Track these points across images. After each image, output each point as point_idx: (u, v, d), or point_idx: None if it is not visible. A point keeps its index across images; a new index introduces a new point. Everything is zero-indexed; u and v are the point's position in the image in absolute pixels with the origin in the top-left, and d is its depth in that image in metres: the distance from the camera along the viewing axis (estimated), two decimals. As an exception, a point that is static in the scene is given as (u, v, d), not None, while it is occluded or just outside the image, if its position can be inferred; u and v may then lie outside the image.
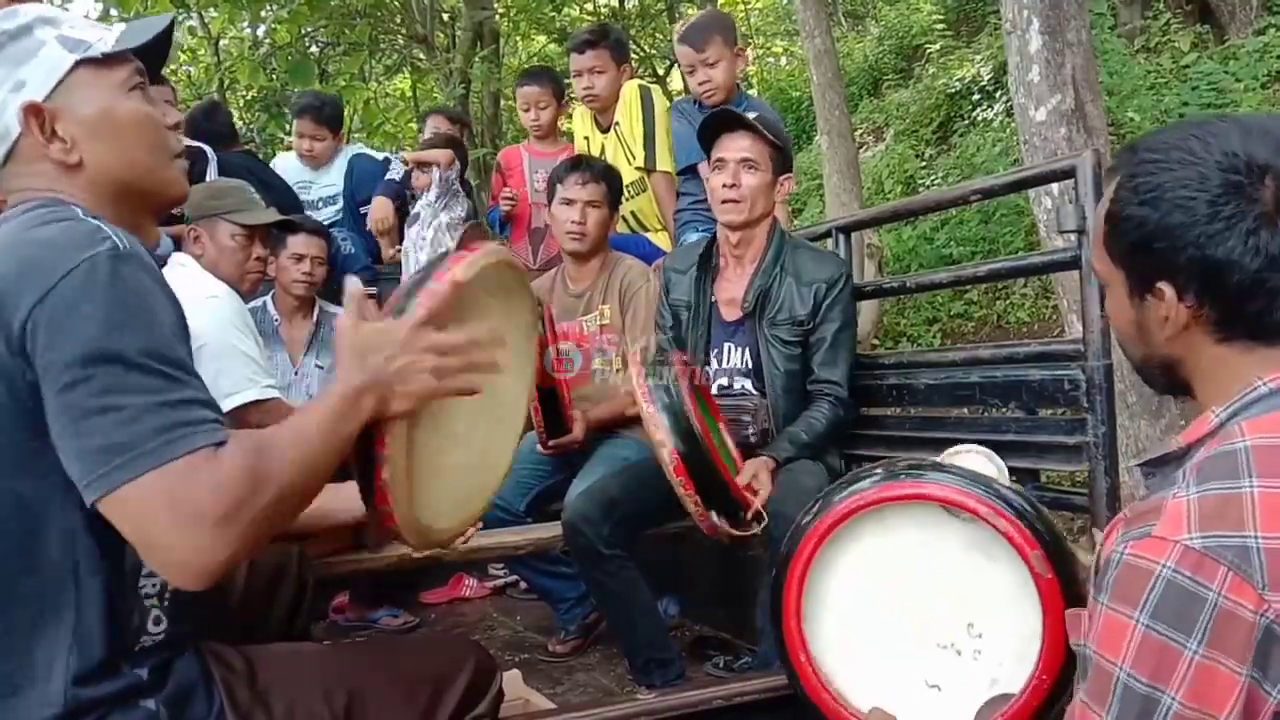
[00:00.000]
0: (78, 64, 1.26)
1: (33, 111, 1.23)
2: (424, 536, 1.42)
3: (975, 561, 1.50)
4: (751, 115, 2.63)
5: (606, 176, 3.08)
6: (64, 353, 1.06)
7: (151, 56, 1.36)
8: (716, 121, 2.61)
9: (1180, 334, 1.07)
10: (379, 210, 4.10)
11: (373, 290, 4.07)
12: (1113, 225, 1.09)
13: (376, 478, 1.27)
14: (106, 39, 1.29)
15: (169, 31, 1.37)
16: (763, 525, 2.13)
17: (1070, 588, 1.41)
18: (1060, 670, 1.40)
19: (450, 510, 1.51)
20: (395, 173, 4.21)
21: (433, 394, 1.27)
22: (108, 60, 1.28)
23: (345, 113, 4.72)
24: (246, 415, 2.41)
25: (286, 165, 4.46)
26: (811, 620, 1.61)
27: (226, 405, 2.42)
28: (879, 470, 1.61)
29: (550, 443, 2.79)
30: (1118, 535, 1.00)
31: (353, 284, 1.29)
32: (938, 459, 1.60)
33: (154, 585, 1.23)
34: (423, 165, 4.03)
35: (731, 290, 2.62)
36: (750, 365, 2.57)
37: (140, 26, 1.32)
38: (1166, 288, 1.05)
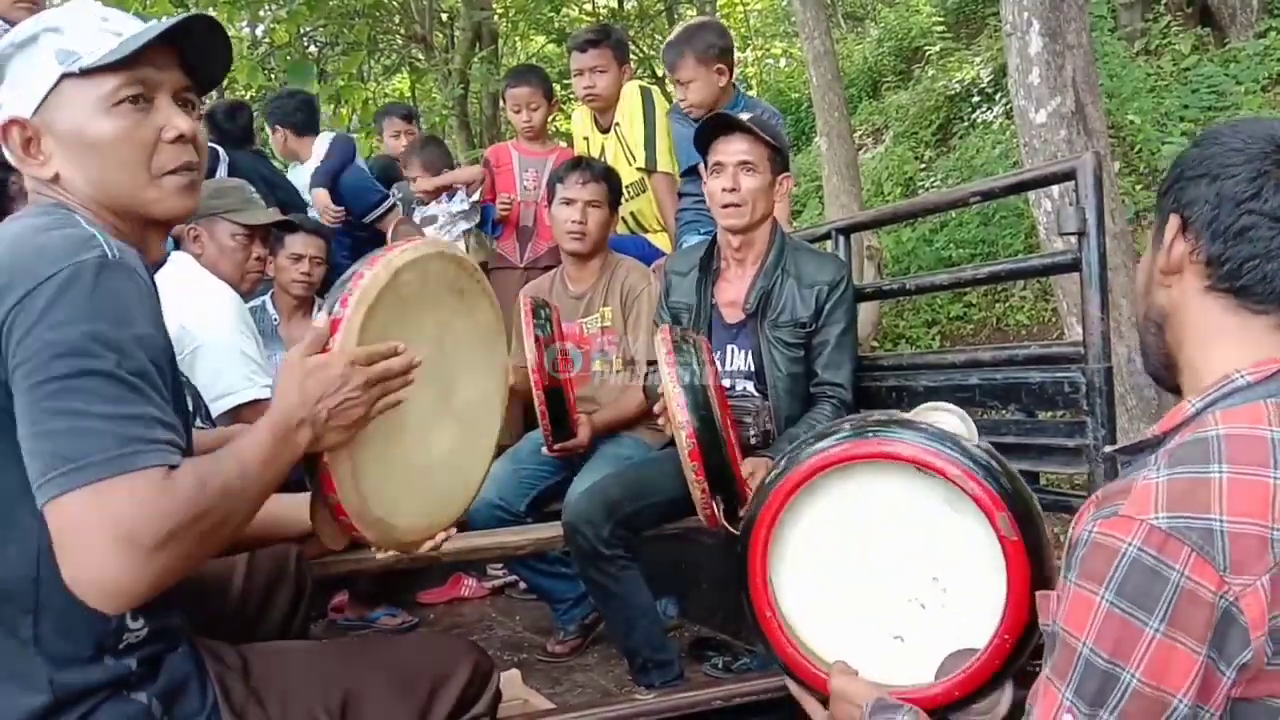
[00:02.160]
0: (64, 77, 1.23)
1: (15, 125, 1.24)
2: (381, 530, 1.41)
3: (943, 515, 1.50)
4: (750, 115, 2.63)
5: (607, 177, 3.09)
6: (36, 354, 1.06)
7: (201, 58, 1.31)
8: (712, 125, 2.60)
9: (1174, 276, 1.11)
10: (319, 202, 4.13)
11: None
12: (1169, 171, 1.14)
13: (319, 460, 1.29)
14: (99, 49, 1.23)
15: (204, 31, 1.29)
16: None
17: (1036, 551, 1.41)
18: (1023, 631, 1.41)
19: (413, 508, 1.49)
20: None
21: (364, 421, 1.31)
22: (91, 73, 1.23)
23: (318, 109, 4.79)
24: (244, 415, 2.41)
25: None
26: (778, 576, 1.61)
27: (225, 405, 2.42)
28: (847, 426, 1.60)
29: (555, 446, 2.79)
30: (1088, 516, 1.02)
31: (319, 322, 1.32)
32: (908, 415, 1.60)
33: None
34: (450, 188, 4.07)
35: (733, 292, 2.62)
36: (752, 367, 2.56)
37: (146, 30, 1.26)
38: (1175, 218, 1.10)
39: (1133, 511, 0.95)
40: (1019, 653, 1.43)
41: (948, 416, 1.59)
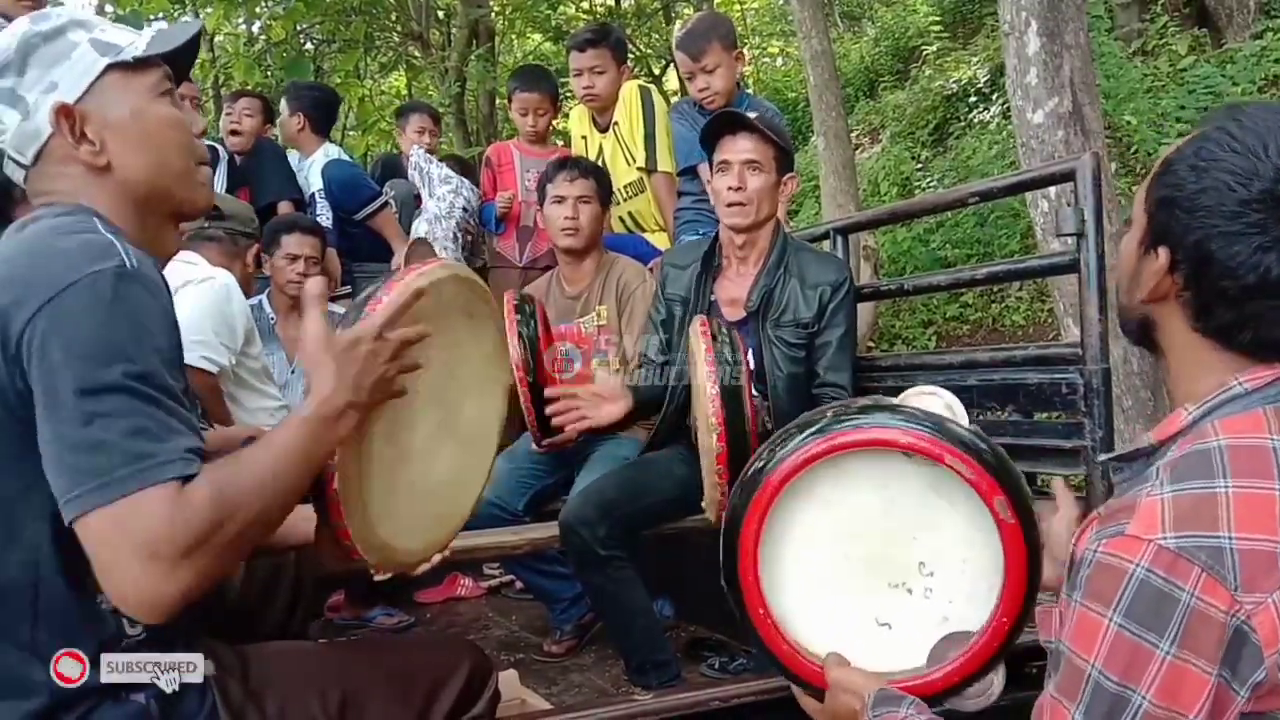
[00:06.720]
0: (109, 67, 1.27)
1: (64, 113, 1.24)
2: (383, 554, 1.40)
3: (927, 501, 1.48)
4: (754, 115, 2.63)
5: (595, 173, 3.10)
6: (56, 366, 1.06)
7: (178, 60, 1.37)
8: (719, 123, 2.60)
9: (1160, 301, 1.07)
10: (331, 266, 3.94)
11: (348, 289, 4.05)
12: (1163, 170, 1.06)
13: (328, 489, 1.25)
14: (138, 43, 1.30)
15: (197, 36, 1.39)
16: None
17: (1030, 531, 1.40)
18: (1019, 614, 1.41)
19: (414, 530, 1.48)
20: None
21: (389, 398, 1.28)
22: (138, 65, 1.29)
23: (338, 108, 4.68)
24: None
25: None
26: (768, 572, 1.57)
27: None
28: (829, 413, 1.53)
29: (544, 441, 2.78)
30: (1091, 534, 1.00)
31: (313, 285, 1.27)
32: (895, 400, 1.55)
33: None
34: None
35: (734, 290, 2.61)
36: (752, 366, 2.56)
37: (171, 32, 1.35)
38: (1164, 253, 1.04)
39: (1139, 531, 0.94)
40: (1014, 634, 1.44)
41: (935, 399, 1.57)
